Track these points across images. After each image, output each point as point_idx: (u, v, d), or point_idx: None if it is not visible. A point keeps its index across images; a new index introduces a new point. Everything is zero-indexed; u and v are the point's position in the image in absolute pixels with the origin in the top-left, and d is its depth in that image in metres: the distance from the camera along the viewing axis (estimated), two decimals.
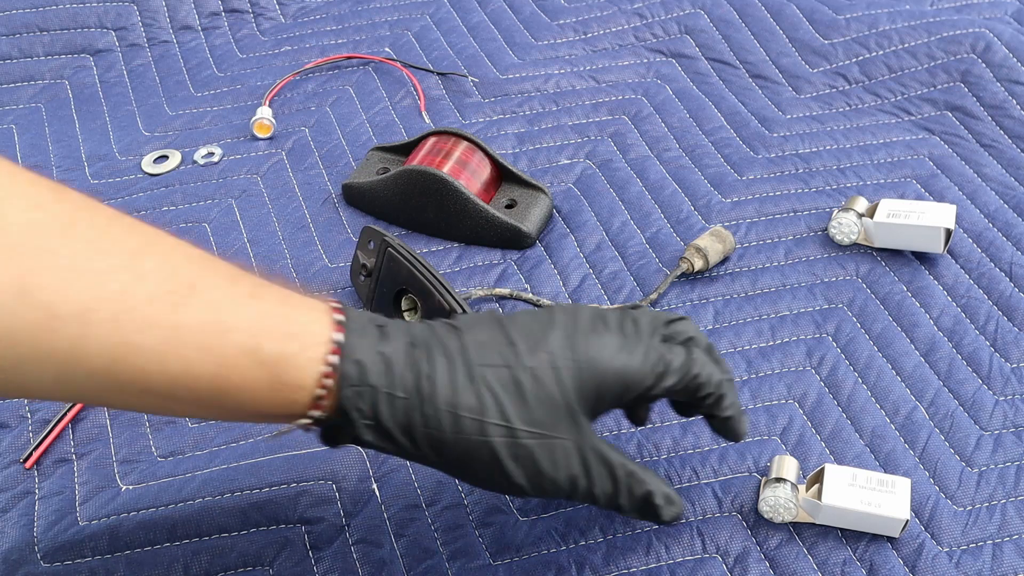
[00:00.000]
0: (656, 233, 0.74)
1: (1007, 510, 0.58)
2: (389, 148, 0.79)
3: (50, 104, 0.88)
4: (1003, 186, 0.77)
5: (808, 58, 0.89)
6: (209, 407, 0.45)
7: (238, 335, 0.43)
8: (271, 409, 0.45)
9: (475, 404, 0.46)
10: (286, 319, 0.45)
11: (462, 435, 0.46)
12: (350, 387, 0.45)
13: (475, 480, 0.49)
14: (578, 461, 0.47)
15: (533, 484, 0.47)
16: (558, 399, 0.47)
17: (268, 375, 0.44)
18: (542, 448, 0.47)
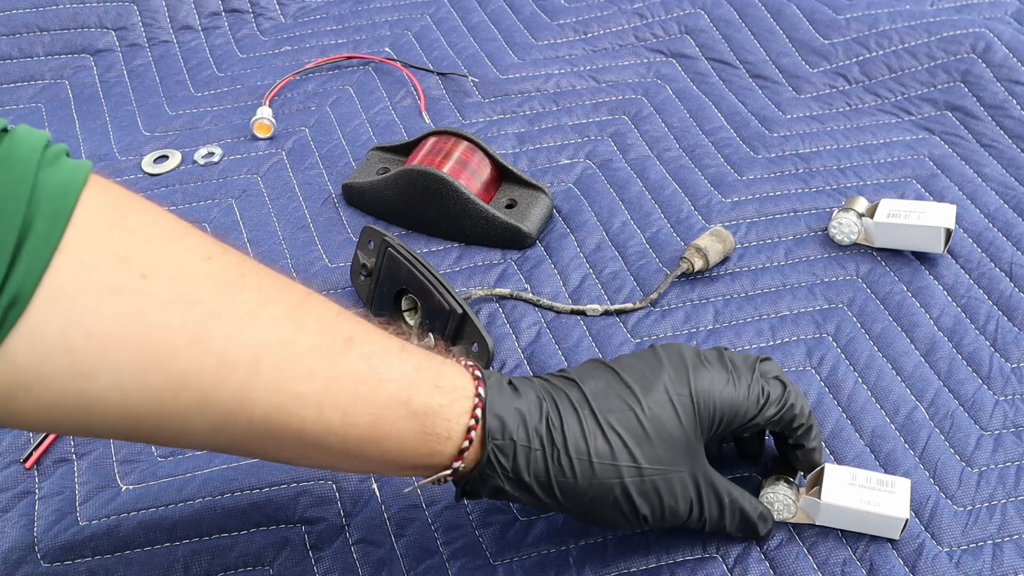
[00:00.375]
0: (656, 233, 0.74)
1: (1007, 510, 0.58)
2: (389, 148, 0.79)
3: (50, 104, 0.88)
4: (1003, 186, 0.77)
5: (808, 58, 0.89)
6: (357, 457, 0.46)
7: (392, 386, 0.46)
8: (416, 460, 0.47)
9: (606, 449, 0.49)
10: (434, 372, 0.47)
11: (595, 479, 0.49)
12: (493, 441, 0.48)
13: (600, 519, 0.51)
14: (694, 490, 0.51)
15: (656, 515, 0.50)
16: (677, 434, 0.50)
17: (418, 425, 0.46)
18: (665, 482, 0.50)
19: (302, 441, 0.45)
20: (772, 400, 0.53)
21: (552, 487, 0.49)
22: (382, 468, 0.49)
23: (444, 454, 0.47)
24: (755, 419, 0.52)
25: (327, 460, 0.47)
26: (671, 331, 0.67)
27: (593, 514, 0.50)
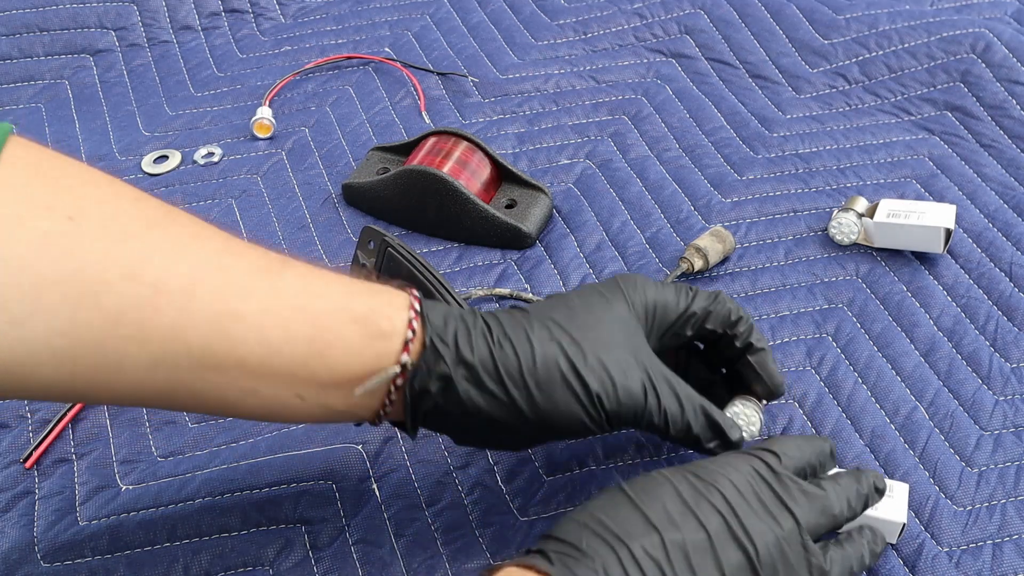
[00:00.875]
0: (656, 233, 0.74)
1: (1007, 510, 0.58)
2: (389, 148, 0.79)
3: (50, 104, 0.88)
4: (1003, 186, 0.77)
5: (808, 58, 0.89)
6: (304, 382, 0.46)
7: (330, 296, 0.47)
8: (363, 367, 0.47)
9: (544, 332, 0.50)
10: (367, 285, 0.49)
11: (538, 356, 0.49)
12: (433, 328, 0.48)
13: (555, 408, 0.49)
14: (643, 373, 0.51)
15: (609, 394, 0.49)
16: (614, 319, 0.51)
17: (361, 329, 0.47)
18: (611, 358, 0.50)
19: (244, 368, 0.45)
20: (700, 294, 0.55)
21: (499, 370, 0.48)
22: (331, 395, 0.47)
23: (390, 353, 0.47)
24: (688, 312, 0.54)
25: (272, 393, 0.46)
26: None
27: (547, 403, 0.49)
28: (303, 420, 0.50)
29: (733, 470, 0.48)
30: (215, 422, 0.63)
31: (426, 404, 0.49)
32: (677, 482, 0.47)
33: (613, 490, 0.47)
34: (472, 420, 0.49)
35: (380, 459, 0.60)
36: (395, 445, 0.61)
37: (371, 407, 0.49)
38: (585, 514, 0.46)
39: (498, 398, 0.48)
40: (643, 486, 0.47)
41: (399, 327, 0.47)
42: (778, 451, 0.50)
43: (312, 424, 0.56)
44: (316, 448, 0.61)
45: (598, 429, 0.50)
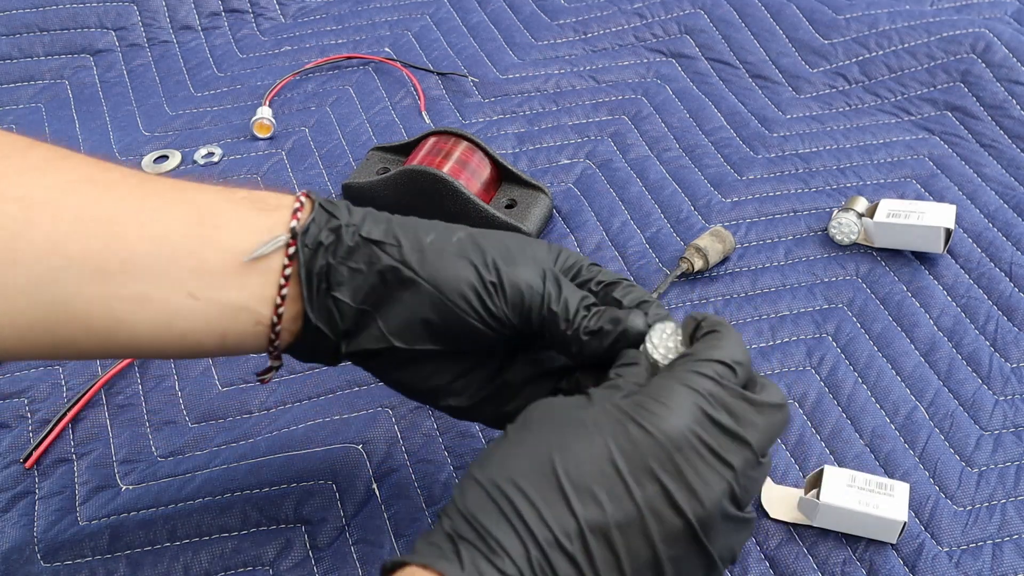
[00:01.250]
0: (656, 233, 0.74)
1: (1007, 510, 0.58)
2: (389, 148, 0.79)
3: (50, 104, 0.88)
4: (1003, 186, 0.77)
5: (808, 58, 0.89)
6: (190, 272, 0.44)
7: (210, 187, 0.46)
8: (253, 242, 0.45)
9: (446, 223, 0.49)
10: (253, 188, 0.48)
11: (437, 225, 0.48)
12: (324, 199, 0.47)
13: (444, 270, 0.46)
14: (548, 270, 0.47)
15: (506, 260, 0.46)
16: (532, 242, 0.49)
17: (248, 205, 0.46)
18: (514, 241, 0.48)
19: (131, 269, 0.42)
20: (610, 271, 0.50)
21: (391, 223, 0.47)
22: (225, 286, 0.45)
23: (280, 224, 0.46)
24: (599, 269, 0.49)
25: (163, 296, 0.43)
26: None
27: (438, 261, 0.46)
28: (203, 336, 0.45)
29: (679, 405, 0.40)
30: (215, 422, 0.63)
31: (319, 263, 0.46)
32: (608, 435, 0.39)
33: (533, 440, 0.40)
34: (362, 283, 0.46)
35: (380, 459, 0.60)
36: (395, 445, 0.61)
37: (266, 297, 0.45)
38: (497, 474, 0.39)
39: (387, 248, 0.46)
40: (569, 438, 0.40)
41: (286, 201, 0.47)
42: (730, 361, 0.42)
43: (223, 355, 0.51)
44: (316, 448, 0.61)
45: (490, 304, 0.46)
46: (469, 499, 0.39)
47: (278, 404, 0.64)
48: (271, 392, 0.64)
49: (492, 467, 0.40)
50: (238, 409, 0.64)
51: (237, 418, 0.63)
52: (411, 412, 0.63)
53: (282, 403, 0.64)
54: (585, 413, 0.41)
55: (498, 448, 0.41)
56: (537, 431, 0.41)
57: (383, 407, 0.63)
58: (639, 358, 0.44)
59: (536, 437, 0.40)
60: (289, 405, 0.64)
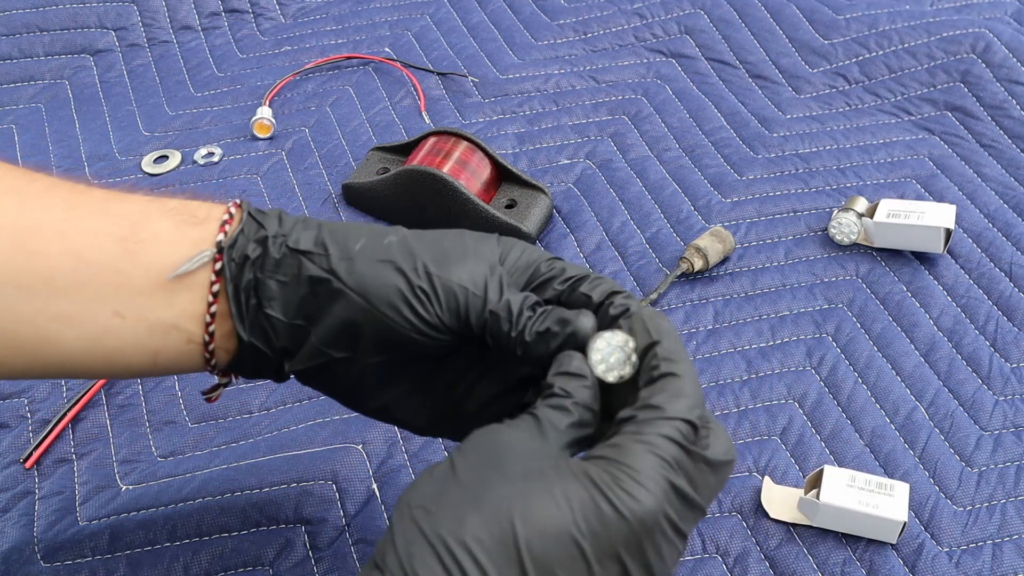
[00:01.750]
0: (656, 233, 0.74)
1: (1007, 510, 0.58)
2: (389, 148, 0.79)
3: (50, 104, 0.88)
4: (1003, 186, 0.77)
5: (808, 58, 0.89)
6: (115, 289, 0.42)
7: (139, 197, 0.44)
8: (179, 258, 0.43)
9: (390, 228, 0.45)
10: (186, 197, 0.46)
11: (369, 228, 0.45)
12: (254, 209, 0.45)
13: (373, 277, 0.43)
14: (489, 267, 0.44)
15: (438, 263, 0.43)
16: (479, 241, 0.45)
17: (174, 218, 0.44)
18: (452, 240, 0.45)
19: (53, 286, 0.41)
20: (573, 264, 0.46)
21: (320, 233, 0.44)
22: (151, 304, 0.43)
23: (207, 239, 0.44)
24: (562, 266, 0.45)
25: (88, 314, 0.42)
26: None
27: (367, 268, 0.43)
28: (132, 351, 0.44)
29: (651, 482, 0.37)
30: (215, 422, 0.63)
31: (246, 278, 0.44)
32: (578, 510, 0.36)
33: (491, 495, 0.37)
34: (291, 297, 0.44)
35: (380, 459, 0.60)
36: (395, 445, 0.61)
37: (196, 314, 0.44)
38: (448, 532, 0.36)
39: (313, 258, 0.43)
40: (534, 503, 0.36)
41: (216, 213, 0.44)
42: (694, 418, 0.39)
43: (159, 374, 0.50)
44: (316, 448, 0.61)
45: (421, 310, 0.43)
46: (416, 557, 0.36)
47: (278, 404, 0.64)
48: (271, 392, 0.64)
49: (443, 520, 0.36)
50: (238, 409, 0.64)
51: (237, 418, 0.63)
52: None
53: (282, 403, 0.64)
54: (549, 470, 0.37)
55: (446, 491, 0.37)
56: (495, 481, 0.37)
57: None
58: (583, 368, 0.41)
59: (494, 492, 0.37)
60: (289, 405, 0.64)
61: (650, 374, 0.40)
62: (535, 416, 0.40)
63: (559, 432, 0.39)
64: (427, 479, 0.39)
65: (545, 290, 0.45)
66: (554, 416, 0.40)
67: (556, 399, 0.40)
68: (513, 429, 0.39)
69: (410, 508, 0.37)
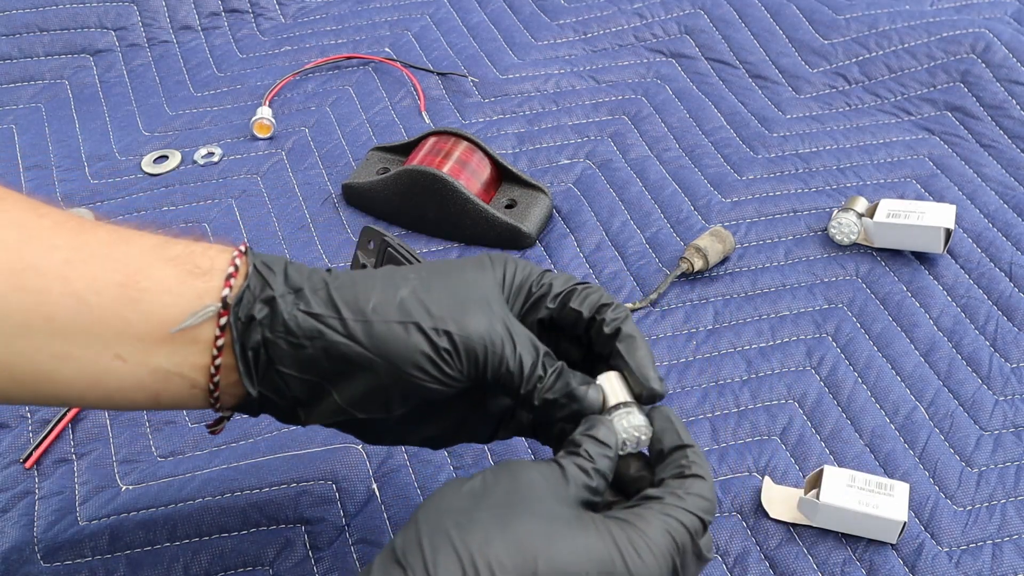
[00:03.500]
0: (656, 233, 0.74)
1: (1007, 510, 0.58)
2: (389, 148, 0.79)
3: (50, 104, 0.88)
4: (1003, 186, 0.77)
5: (808, 58, 0.89)
6: (116, 334, 0.42)
7: (144, 242, 0.44)
8: (181, 309, 0.43)
9: (396, 272, 0.46)
10: (189, 238, 0.45)
11: (378, 288, 0.44)
12: (259, 258, 0.45)
13: (391, 338, 0.44)
14: (500, 323, 0.45)
15: (456, 322, 0.44)
16: (480, 273, 0.46)
17: (177, 268, 0.43)
18: (461, 290, 0.45)
19: (53, 327, 0.41)
20: (564, 274, 0.49)
21: (332, 296, 0.44)
22: (153, 351, 0.43)
23: (211, 291, 0.43)
24: (548, 280, 0.48)
25: (89, 356, 0.42)
26: (671, 331, 0.67)
27: (384, 330, 0.43)
28: (133, 390, 0.44)
29: (660, 555, 0.41)
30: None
31: (254, 337, 0.43)
32: (595, 564, 0.40)
33: (520, 529, 0.40)
34: (307, 358, 0.44)
35: (380, 459, 0.60)
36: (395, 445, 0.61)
37: (199, 365, 0.44)
38: (477, 553, 0.38)
39: (328, 322, 0.43)
40: (558, 547, 0.39)
41: (220, 264, 0.44)
42: (707, 518, 0.43)
43: (161, 409, 0.49)
44: (316, 448, 0.61)
45: (447, 368, 0.44)
46: (441, 565, 0.38)
47: None
48: None
49: (472, 537, 0.39)
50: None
51: (237, 418, 0.63)
52: None
53: None
54: (575, 520, 0.41)
55: (477, 510, 0.40)
56: (523, 514, 0.40)
57: None
58: (609, 438, 0.44)
59: (522, 524, 0.40)
60: None
61: (680, 470, 0.44)
62: (561, 466, 0.43)
63: (578, 487, 0.43)
64: (456, 490, 0.41)
65: (538, 310, 0.48)
66: (577, 474, 0.43)
67: (581, 460, 0.43)
68: (541, 470, 0.42)
69: (439, 513, 0.40)
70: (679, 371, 0.65)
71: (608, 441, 0.44)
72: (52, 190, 0.79)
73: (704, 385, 0.64)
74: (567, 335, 0.49)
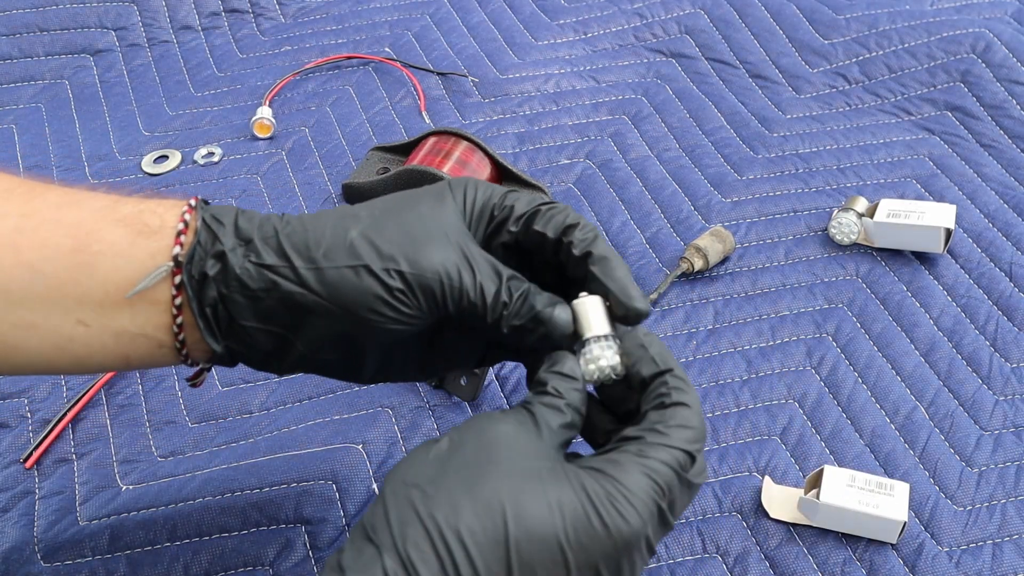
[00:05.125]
0: (656, 233, 0.74)
1: (1007, 510, 0.58)
2: (389, 148, 0.79)
3: (50, 104, 0.88)
4: (1003, 186, 0.77)
5: (808, 58, 0.89)
6: (74, 301, 0.42)
7: (94, 203, 0.43)
8: (135, 270, 0.42)
9: (348, 211, 0.44)
10: (145, 197, 0.45)
11: (329, 228, 0.43)
12: (208, 210, 0.44)
13: (349, 288, 0.42)
14: (460, 250, 0.43)
15: (409, 259, 0.42)
16: (436, 202, 0.45)
17: (127, 229, 0.42)
18: (415, 225, 0.43)
19: (10, 298, 0.41)
20: (526, 194, 0.46)
21: (280, 241, 0.43)
22: (114, 315, 0.42)
23: (163, 251, 0.42)
24: (510, 202, 0.46)
25: (51, 324, 0.42)
26: (671, 331, 0.67)
27: (336, 276, 0.42)
28: (101, 355, 0.44)
29: (641, 505, 0.39)
30: (215, 422, 0.63)
31: (209, 294, 0.43)
32: (568, 519, 0.38)
33: (487, 487, 0.38)
34: (264, 310, 0.43)
35: (380, 459, 0.60)
36: (395, 445, 0.61)
37: (162, 324, 0.43)
38: (443, 519, 0.37)
39: (280, 272, 0.42)
40: (527, 501, 0.38)
41: (169, 221, 0.43)
42: (693, 450, 0.41)
43: (135, 369, 0.50)
44: (316, 448, 0.61)
45: (403, 308, 0.43)
46: (410, 539, 0.37)
47: (278, 404, 0.64)
48: (271, 392, 0.64)
49: (439, 505, 0.37)
50: (238, 409, 0.64)
51: (237, 418, 0.63)
52: (411, 412, 0.63)
53: (282, 403, 0.64)
54: (546, 472, 0.39)
55: (443, 475, 0.39)
56: (491, 473, 0.38)
57: (383, 407, 0.63)
58: (575, 370, 0.43)
59: (490, 484, 0.38)
60: (289, 405, 0.64)
61: (660, 400, 0.41)
62: (530, 412, 0.41)
63: (552, 431, 0.41)
64: (423, 457, 0.39)
65: (500, 234, 0.46)
66: (548, 415, 0.41)
67: (550, 398, 0.41)
68: (510, 422, 0.40)
69: (405, 486, 0.38)
70: None
71: (574, 373, 0.42)
72: None
73: (704, 385, 0.64)
74: (538, 258, 0.46)
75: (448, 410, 0.63)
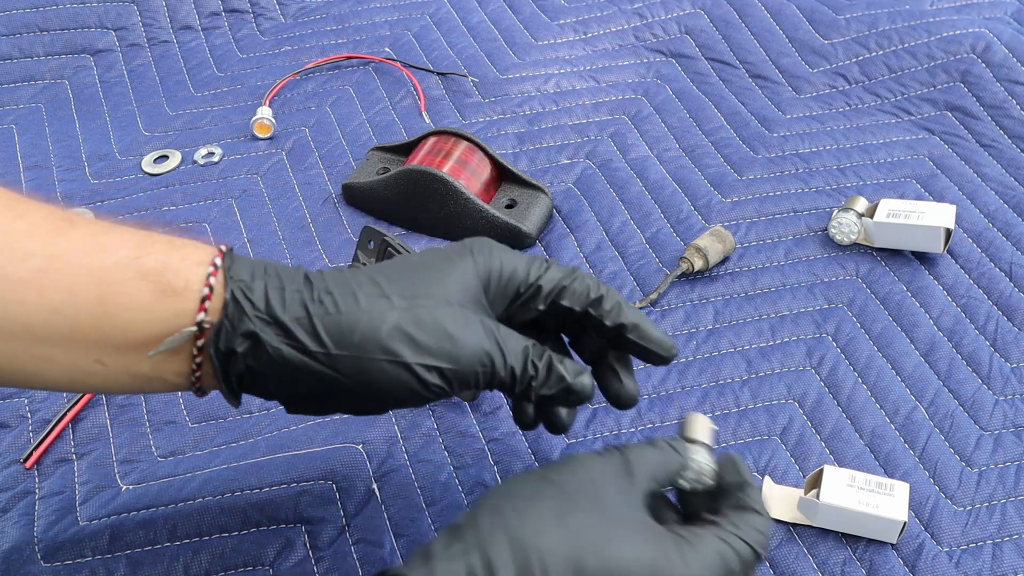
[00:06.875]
0: (656, 233, 0.74)
1: (1007, 510, 0.58)
2: (389, 148, 0.79)
3: (50, 104, 0.88)
4: (1003, 186, 0.77)
5: (808, 58, 0.89)
6: (96, 345, 0.43)
7: (119, 251, 0.43)
8: (157, 326, 0.43)
9: (372, 288, 0.45)
10: (169, 240, 0.45)
11: (362, 311, 0.44)
12: (237, 281, 0.44)
13: (379, 373, 0.44)
14: (483, 329, 0.46)
15: (443, 350, 0.44)
16: (459, 273, 0.47)
17: (151, 285, 0.43)
18: (444, 312, 0.45)
19: (32, 334, 0.42)
20: (554, 267, 0.50)
21: (315, 327, 0.43)
22: (132, 360, 0.43)
23: (186, 312, 0.43)
24: (537, 281, 0.49)
25: (70, 360, 0.43)
26: (671, 331, 0.67)
27: (369, 368, 0.44)
28: (118, 389, 0.45)
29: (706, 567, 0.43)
30: (215, 422, 0.63)
31: (237, 366, 0.44)
32: (644, 561, 0.42)
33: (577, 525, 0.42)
34: (294, 383, 0.44)
35: (380, 459, 0.60)
36: (396, 445, 0.61)
37: (181, 372, 0.44)
38: (531, 545, 0.41)
39: (316, 357, 0.43)
40: (612, 547, 0.42)
41: (194, 283, 0.43)
42: (759, 550, 0.45)
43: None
44: (316, 448, 0.61)
45: (434, 396, 0.45)
46: (494, 545, 0.40)
47: (278, 404, 0.64)
48: None
49: (529, 523, 0.41)
50: (238, 409, 0.64)
51: (237, 418, 0.63)
52: (411, 412, 0.63)
53: None
54: (633, 522, 0.43)
55: (538, 500, 0.43)
56: (582, 509, 0.42)
57: None
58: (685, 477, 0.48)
59: (579, 518, 0.42)
60: None
61: (739, 502, 0.47)
62: (627, 458, 0.46)
63: (643, 479, 0.45)
64: (524, 481, 0.44)
65: (527, 310, 0.50)
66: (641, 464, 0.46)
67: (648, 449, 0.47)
68: (604, 463, 0.45)
69: (503, 500, 0.43)
70: (679, 371, 0.65)
71: (677, 448, 0.48)
72: (52, 190, 0.79)
73: (704, 385, 0.64)
74: (551, 321, 0.51)
75: (448, 410, 0.63)
